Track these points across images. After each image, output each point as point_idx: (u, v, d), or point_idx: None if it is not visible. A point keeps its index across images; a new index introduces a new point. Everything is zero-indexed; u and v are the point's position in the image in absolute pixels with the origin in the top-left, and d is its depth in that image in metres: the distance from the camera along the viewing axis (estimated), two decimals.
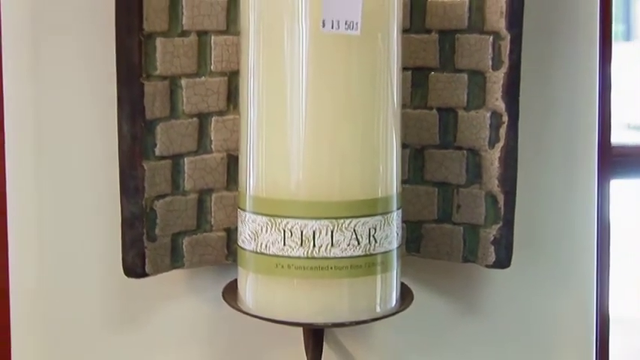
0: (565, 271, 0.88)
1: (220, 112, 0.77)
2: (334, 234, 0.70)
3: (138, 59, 0.73)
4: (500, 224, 0.77)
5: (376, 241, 0.71)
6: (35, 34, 0.78)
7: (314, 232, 0.70)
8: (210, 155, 0.77)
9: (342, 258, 0.70)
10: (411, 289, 0.77)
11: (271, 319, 0.72)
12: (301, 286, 0.71)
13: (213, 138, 0.77)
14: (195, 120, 0.76)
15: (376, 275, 0.72)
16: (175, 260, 0.77)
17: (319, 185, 0.70)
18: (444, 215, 0.79)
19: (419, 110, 0.79)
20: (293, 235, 0.70)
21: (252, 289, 0.73)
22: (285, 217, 0.70)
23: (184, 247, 0.77)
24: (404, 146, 0.77)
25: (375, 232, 0.71)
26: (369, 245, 0.71)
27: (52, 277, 0.80)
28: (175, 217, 0.76)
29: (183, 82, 0.76)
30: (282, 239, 0.70)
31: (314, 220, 0.70)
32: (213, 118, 0.77)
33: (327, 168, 0.70)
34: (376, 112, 0.71)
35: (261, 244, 0.71)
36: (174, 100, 0.75)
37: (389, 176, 0.72)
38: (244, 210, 0.73)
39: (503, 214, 0.77)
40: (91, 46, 0.78)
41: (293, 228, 0.70)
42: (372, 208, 0.71)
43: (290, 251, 0.70)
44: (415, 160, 0.80)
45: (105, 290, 0.80)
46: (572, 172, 0.87)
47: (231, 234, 0.78)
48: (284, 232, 0.70)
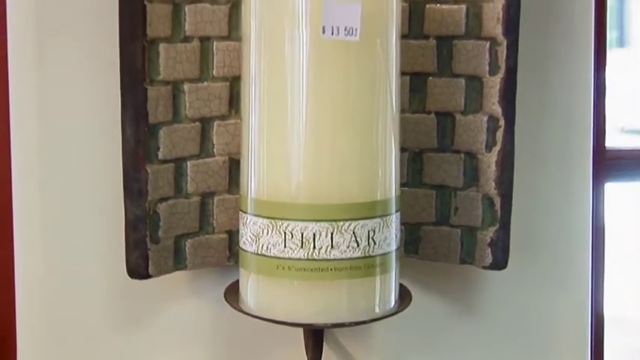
0: (561, 273, 0.88)
1: (222, 117, 0.77)
2: (334, 236, 0.70)
3: (141, 64, 0.73)
4: (497, 226, 0.77)
5: (375, 243, 0.71)
6: (40, 39, 0.78)
7: (314, 235, 0.70)
8: (213, 159, 0.77)
9: (341, 260, 0.70)
10: (410, 290, 0.77)
11: (272, 319, 0.72)
12: (301, 288, 0.71)
13: (215, 142, 0.77)
14: (198, 124, 0.76)
15: (375, 276, 0.72)
16: (178, 262, 0.77)
17: (319, 188, 0.70)
18: (441, 218, 0.79)
19: (417, 114, 0.79)
20: (293, 237, 0.70)
21: (254, 290, 0.73)
22: (286, 219, 0.70)
23: (187, 249, 0.77)
24: (403, 150, 0.77)
25: (374, 235, 0.71)
26: (368, 247, 0.71)
27: (57, 278, 0.80)
28: (178, 219, 0.76)
29: (185, 87, 0.76)
30: (283, 241, 0.70)
31: (314, 223, 0.70)
32: (215, 122, 0.77)
33: (326, 171, 0.70)
34: (375, 117, 0.71)
35: (262, 246, 0.71)
36: (176, 105, 0.75)
37: (388, 179, 0.72)
38: (246, 212, 0.72)
39: (499, 216, 0.77)
40: (96, 52, 0.78)
41: (293, 230, 0.70)
42: (371, 210, 0.71)
43: (290, 253, 0.70)
44: (414, 164, 0.80)
45: (109, 291, 0.80)
46: (567, 175, 0.87)
47: (233, 236, 0.78)
48: (285, 234, 0.70)
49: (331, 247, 0.70)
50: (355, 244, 0.71)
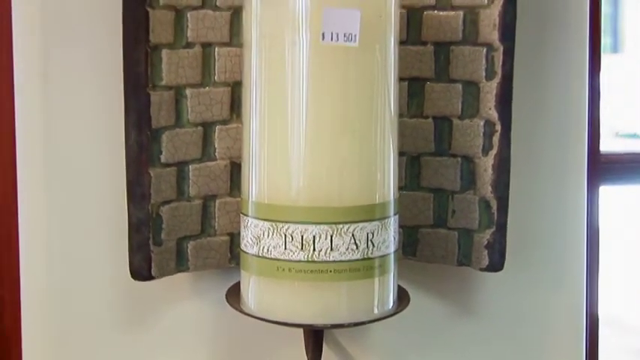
0: (556, 274, 0.88)
1: (224, 121, 0.77)
2: (333, 238, 0.70)
3: (144, 70, 0.73)
4: (494, 229, 0.77)
5: (374, 246, 0.71)
6: (45, 45, 0.78)
7: (314, 237, 0.70)
8: (214, 162, 0.77)
9: (341, 262, 0.70)
10: (408, 291, 0.77)
11: (273, 320, 0.72)
12: (302, 289, 0.71)
13: (217, 146, 0.77)
14: (200, 129, 0.76)
15: (374, 278, 0.72)
16: (180, 264, 0.76)
17: (319, 191, 0.70)
18: (439, 220, 0.79)
19: (415, 119, 0.79)
20: (294, 240, 0.70)
21: (255, 291, 0.73)
22: (286, 222, 0.70)
23: (189, 251, 0.76)
24: (401, 154, 0.77)
25: (373, 237, 0.71)
26: (367, 249, 0.71)
27: (62, 280, 0.80)
28: (180, 222, 0.76)
29: (188, 92, 0.75)
30: (284, 243, 0.70)
31: (314, 225, 0.70)
32: (217, 126, 0.77)
33: (326, 175, 0.70)
34: (374, 121, 0.71)
35: (263, 248, 0.71)
36: (179, 110, 0.75)
37: (386, 183, 0.72)
38: (247, 215, 0.72)
39: (496, 219, 0.77)
40: (100, 58, 0.78)
41: (294, 233, 0.70)
42: (370, 213, 0.71)
43: (291, 255, 0.70)
44: (412, 167, 0.80)
45: (113, 292, 0.80)
46: (562, 178, 0.87)
47: (235, 238, 0.77)
48: (285, 236, 0.70)
49: (331, 249, 0.70)
50: (354, 246, 0.70)
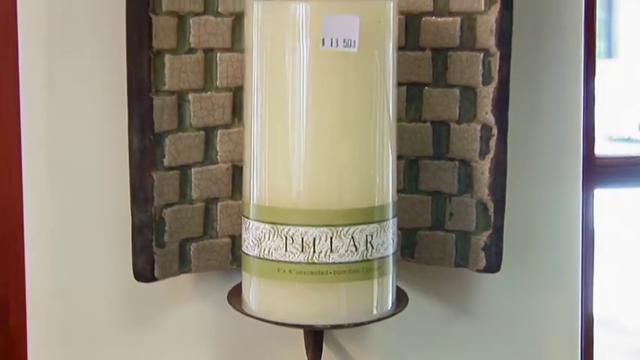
0: (552, 276, 0.88)
1: (226, 125, 0.77)
2: (333, 240, 0.70)
3: (147, 75, 0.72)
4: (491, 231, 0.77)
5: (373, 248, 0.71)
6: (50, 51, 0.78)
7: (314, 239, 0.70)
8: (216, 166, 0.77)
9: (340, 263, 0.70)
10: (406, 292, 0.77)
11: (273, 321, 0.72)
12: (302, 290, 0.71)
13: (218, 149, 0.77)
14: (202, 133, 0.76)
15: (373, 280, 0.72)
16: (183, 265, 0.76)
17: (319, 194, 0.70)
18: (437, 223, 0.79)
19: (413, 123, 0.79)
20: (294, 242, 0.70)
21: (256, 292, 0.72)
22: (287, 224, 0.70)
23: (191, 252, 0.76)
24: (399, 157, 0.77)
25: (372, 239, 0.71)
26: (366, 251, 0.71)
27: (66, 281, 0.80)
28: (183, 224, 0.75)
29: (190, 97, 0.75)
30: (284, 245, 0.70)
31: (314, 228, 0.70)
32: (218, 130, 0.77)
33: (326, 178, 0.70)
34: (373, 125, 0.71)
35: (264, 250, 0.71)
36: (181, 114, 0.75)
37: (385, 186, 0.72)
38: (248, 218, 0.72)
39: (493, 221, 0.76)
40: (103, 63, 0.78)
41: (294, 235, 0.70)
42: (369, 216, 0.71)
43: (291, 257, 0.70)
44: (410, 171, 0.79)
45: (116, 293, 0.80)
46: (558, 181, 0.87)
47: (236, 240, 0.77)
48: (286, 238, 0.70)
49: (330, 251, 0.70)
50: (354, 248, 0.70)
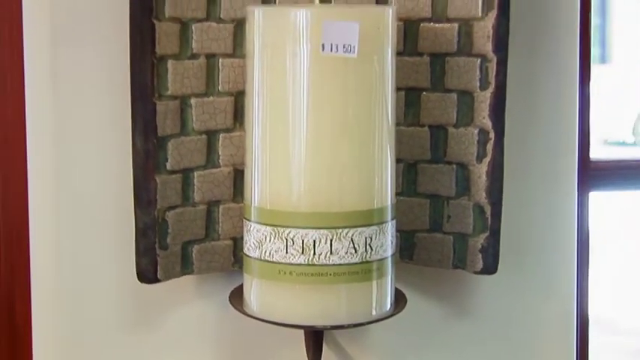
0: (548, 277, 0.88)
1: (227, 130, 0.77)
2: (333, 243, 0.70)
3: (150, 80, 0.72)
4: (488, 233, 0.77)
5: (372, 249, 0.71)
6: (55, 57, 0.78)
7: (314, 241, 0.70)
8: (218, 169, 0.77)
9: (340, 265, 0.70)
10: (405, 293, 0.77)
11: (274, 321, 0.72)
12: (302, 291, 0.70)
13: (220, 153, 0.77)
14: (204, 137, 0.76)
15: (372, 281, 0.71)
16: (185, 267, 0.76)
17: (319, 197, 0.70)
18: (435, 225, 0.79)
19: (412, 127, 0.79)
20: (295, 244, 0.70)
21: (257, 293, 0.72)
22: (288, 227, 0.70)
23: (194, 254, 0.76)
24: (398, 161, 0.77)
25: (371, 241, 0.71)
26: (365, 253, 0.71)
27: (71, 282, 0.80)
28: (185, 226, 0.75)
29: (192, 102, 0.75)
30: (285, 247, 0.70)
31: (314, 230, 0.70)
32: (220, 134, 0.77)
33: (326, 181, 0.70)
34: (372, 129, 0.71)
35: (265, 252, 0.71)
36: (184, 118, 0.75)
37: (384, 189, 0.72)
38: (249, 220, 0.72)
39: (490, 224, 0.76)
40: (108, 68, 0.78)
41: (295, 237, 0.70)
42: (369, 218, 0.71)
43: (292, 259, 0.70)
44: (408, 174, 0.79)
45: (120, 294, 0.80)
46: (554, 184, 0.87)
47: (238, 242, 0.77)
48: (286, 240, 0.70)
49: (330, 253, 0.70)
50: (353, 250, 0.70)
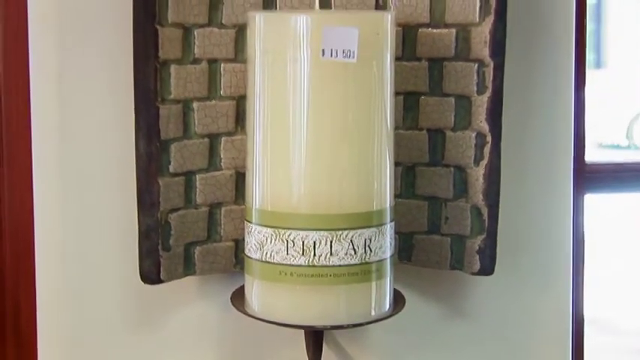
0: (544, 278, 0.88)
1: (229, 133, 0.77)
2: (333, 244, 0.70)
3: (154, 84, 0.72)
4: (485, 235, 0.76)
5: (371, 251, 0.71)
6: (60, 63, 0.78)
7: (314, 243, 0.69)
8: (220, 172, 0.77)
9: (340, 266, 0.70)
10: (403, 294, 0.77)
11: (275, 322, 0.71)
12: (303, 292, 0.70)
13: (222, 156, 0.77)
14: (206, 140, 0.76)
15: (371, 282, 0.71)
16: (188, 268, 0.76)
17: (319, 199, 0.70)
18: (433, 227, 0.79)
19: (410, 131, 0.79)
20: (295, 245, 0.70)
21: (258, 294, 0.72)
22: (288, 228, 0.70)
23: (196, 256, 0.76)
24: (396, 164, 0.77)
25: (370, 243, 0.71)
26: (364, 254, 0.70)
27: (75, 283, 0.80)
28: (188, 228, 0.75)
29: (195, 106, 0.75)
30: (286, 249, 0.70)
31: (314, 232, 0.69)
32: (222, 138, 0.76)
33: (326, 183, 0.70)
34: (371, 133, 0.71)
35: (266, 253, 0.71)
36: (187, 122, 0.75)
37: (383, 191, 0.72)
38: (251, 222, 0.72)
39: (487, 225, 0.76)
40: (112, 73, 0.77)
41: (295, 239, 0.70)
42: (368, 220, 0.71)
43: (292, 260, 0.70)
44: (407, 177, 0.79)
45: (123, 295, 0.80)
46: (550, 187, 0.87)
47: (239, 244, 0.77)
48: (287, 242, 0.70)
49: (330, 254, 0.70)
50: (353, 251, 0.70)
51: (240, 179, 0.77)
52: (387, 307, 0.73)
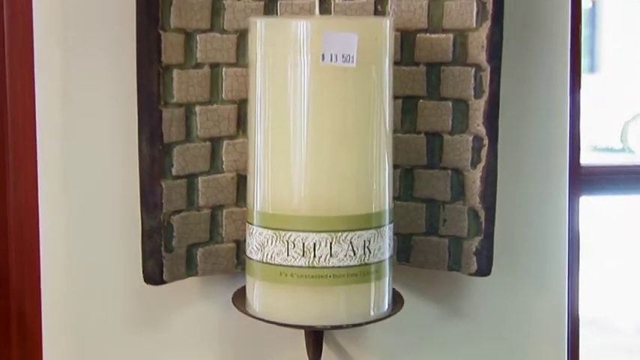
0: (540, 279, 0.87)
1: (231, 136, 0.77)
2: (333, 245, 0.70)
3: (157, 88, 0.72)
4: (482, 237, 0.76)
5: (370, 252, 0.71)
6: (64, 67, 0.78)
7: (314, 244, 0.69)
8: (222, 175, 0.77)
9: (339, 267, 0.70)
10: (402, 294, 0.77)
11: (276, 322, 0.71)
12: (303, 293, 0.70)
13: (224, 159, 0.77)
14: (208, 143, 0.76)
15: (370, 283, 0.71)
16: (190, 269, 0.76)
17: (319, 202, 0.70)
18: (431, 228, 0.79)
19: (408, 134, 0.79)
20: (295, 247, 0.70)
21: (259, 295, 0.72)
22: (289, 230, 0.70)
23: (198, 257, 0.76)
24: (395, 166, 0.76)
25: (370, 244, 0.71)
26: (363, 256, 0.70)
27: (79, 284, 0.80)
28: (190, 230, 0.75)
29: (197, 109, 0.75)
30: (286, 250, 0.70)
31: (314, 233, 0.69)
32: (224, 141, 0.76)
33: (326, 186, 0.70)
34: (370, 136, 0.71)
35: (267, 254, 0.71)
36: (189, 126, 0.75)
37: (382, 193, 0.72)
38: (252, 224, 0.72)
39: (484, 227, 0.76)
40: (115, 77, 0.77)
41: (296, 240, 0.70)
42: (367, 222, 0.70)
43: (293, 261, 0.70)
44: (405, 179, 0.79)
45: (127, 296, 0.80)
46: (545, 189, 0.87)
47: (240, 245, 0.77)
48: (287, 243, 0.70)
49: (330, 255, 0.70)
50: (352, 252, 0.70)
51: (242, 182, 0.77)
52: (386, 307, 0.73)
